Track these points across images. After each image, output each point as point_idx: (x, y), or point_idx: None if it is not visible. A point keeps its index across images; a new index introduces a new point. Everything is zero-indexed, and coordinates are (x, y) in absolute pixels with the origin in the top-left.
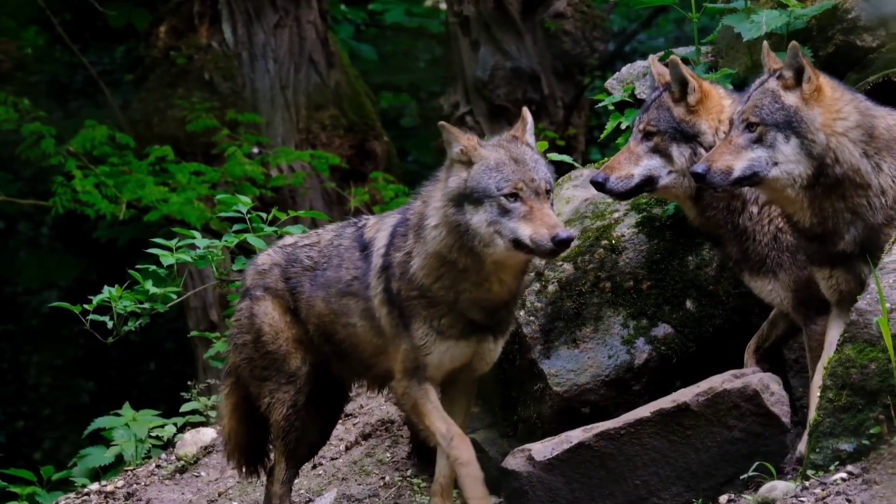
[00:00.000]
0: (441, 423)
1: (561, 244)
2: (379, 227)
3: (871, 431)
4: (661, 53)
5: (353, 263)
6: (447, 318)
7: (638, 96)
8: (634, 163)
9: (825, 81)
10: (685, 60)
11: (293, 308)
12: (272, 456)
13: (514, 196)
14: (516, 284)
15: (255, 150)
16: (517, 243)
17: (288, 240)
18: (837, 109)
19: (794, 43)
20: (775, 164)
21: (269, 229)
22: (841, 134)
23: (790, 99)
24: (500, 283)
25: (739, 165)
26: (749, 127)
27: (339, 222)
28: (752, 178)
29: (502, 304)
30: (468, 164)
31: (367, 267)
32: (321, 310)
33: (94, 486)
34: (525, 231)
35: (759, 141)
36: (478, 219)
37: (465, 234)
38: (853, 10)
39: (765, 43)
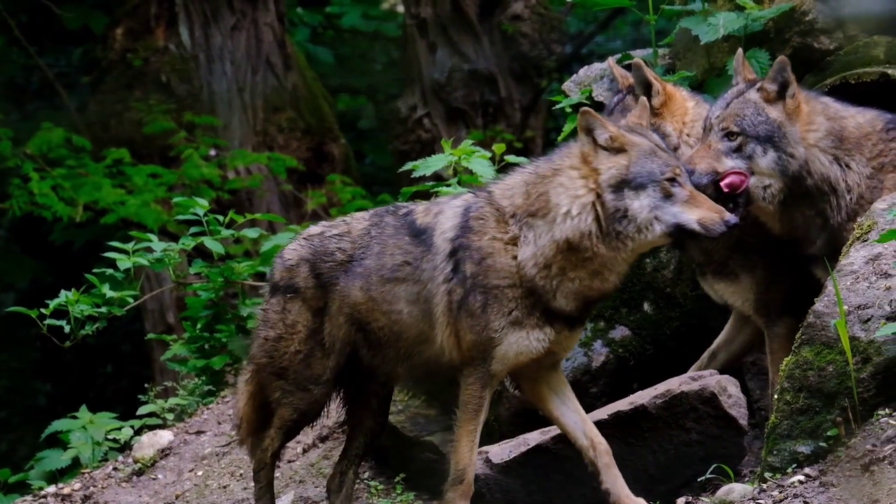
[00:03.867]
0: (468, 455)
1: (732, 228)
2: (438, 212)
3: (829, 434)
4: (619, 56)
5: (401, 249)
6: (527, 307)
7: (595, 98)
8: None
9: (802, 96)
10: (644, 63)
11: (322, 307)
12: (271, 433)
13: (673, 181)
14: (624, 277)
15: (213, 152)
16: (679, 228)
17: (314, 230)
18: (810, 121)
19: (782, 58)
20: (751, 173)
21: (226, 232)
22: (812, 145)
23: (774, 113)
24: (617, 274)
25: (722, 169)
26: (729, 136)
27: (370, 210)
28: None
29: (604, 296)
30: (618, 150)
31: (427, 251)
32: (357, 299)
33: (51, 489)
34: (691, 216)
35: (738, 150)
36: (639, 204)
37: (619, 220)
38: (810, 13)
39: (739, 51)
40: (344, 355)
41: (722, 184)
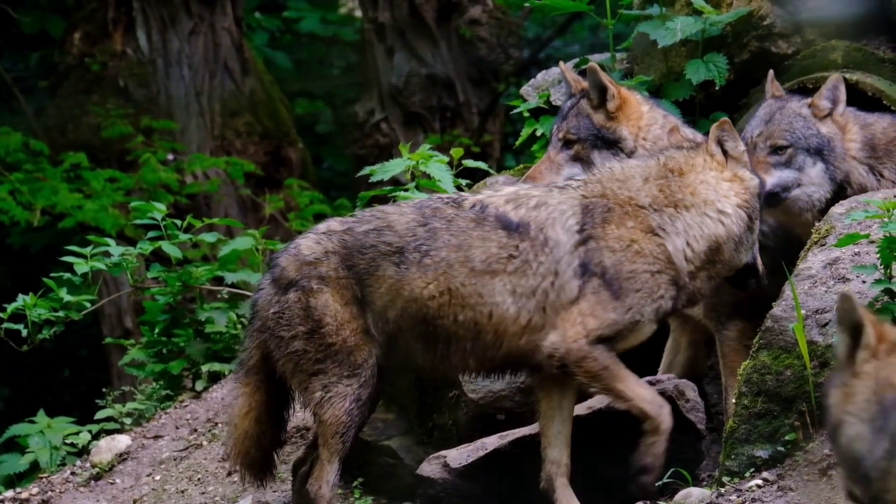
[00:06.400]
0: (645, 389)
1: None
2: (538, 206)
3: (787, 438)
4: (576, 60)
5: (494, 242)
6: (672, 296)
7: (553, 103)
8: (556, 172)
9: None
10: (601, 67)
11: (359, 297)
12: (280, 456)
13: None
14: None
15: (170, 156)
16: (754, 262)
17: (333, 226)
18: (848, 130)
19: (837, 76)
20: (799, 185)
21: (184, 236)
22: (853, 157)
23: (825, 128)
24: (710, 288)
25: (771, 181)
26: (777, 150)
27: (406, 203)
28: (780, 195)
29: (693, 305)
30: (745, 166)
31: (542, 245)
32: (426, 293)
33: (9, 494)
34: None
35: (787, 164)
36: (757, 223)
37: (747, 230)
38: (768, 17)
39: (770, 72)
40: (384, 349)
41: None
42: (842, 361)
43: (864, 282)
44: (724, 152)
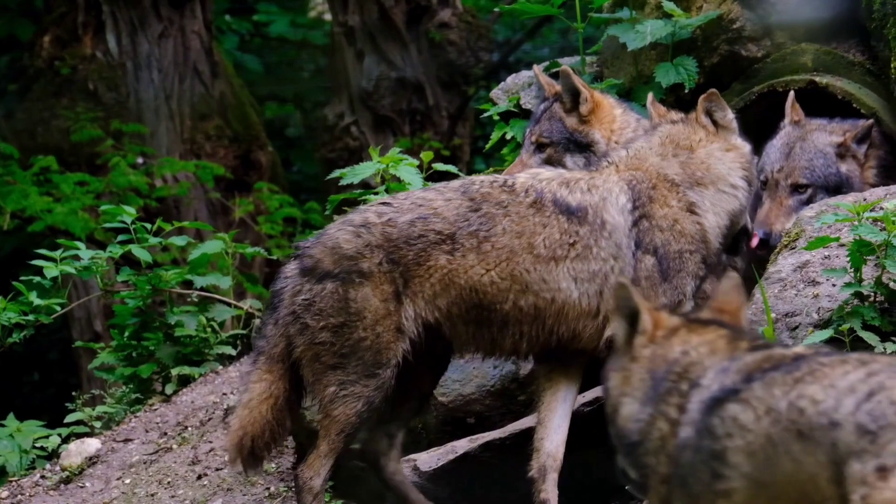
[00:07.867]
0: None
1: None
2: (590, 188)
3: None
4: (547, 63)
5: (555, 228)
6: (704, 274)
7: (523, 106)
8: None
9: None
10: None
11: (399, 291)
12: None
13: None
14: None
15: (140, 160)
16: (746, 227)
17: (370, 217)
18: (868, 158)
19: (870, 122)
20: None
21: (153, 240)
22: (870, 184)
23: (845, 166)
24: None
25: (790, 225)
26: (797, 189)
27: (446, 184)
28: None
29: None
30: (734, 133)
31: (600, 229)
32: (487, 278)
33: None
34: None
35: (807, 202)
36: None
37: (750, 195)
38: (738, 20)
39: (791, 94)
40: (423, 337)
41: None
42: (621, 347)
43: (834, 285)
44: (714, 122)
